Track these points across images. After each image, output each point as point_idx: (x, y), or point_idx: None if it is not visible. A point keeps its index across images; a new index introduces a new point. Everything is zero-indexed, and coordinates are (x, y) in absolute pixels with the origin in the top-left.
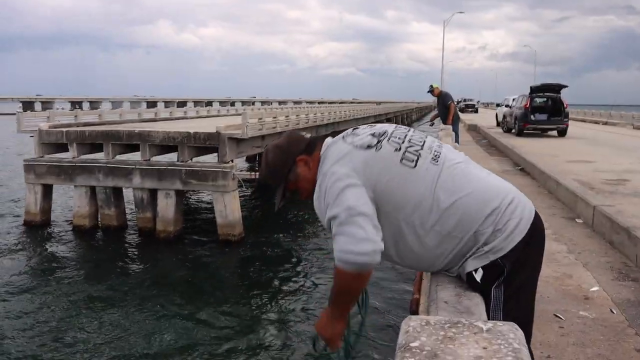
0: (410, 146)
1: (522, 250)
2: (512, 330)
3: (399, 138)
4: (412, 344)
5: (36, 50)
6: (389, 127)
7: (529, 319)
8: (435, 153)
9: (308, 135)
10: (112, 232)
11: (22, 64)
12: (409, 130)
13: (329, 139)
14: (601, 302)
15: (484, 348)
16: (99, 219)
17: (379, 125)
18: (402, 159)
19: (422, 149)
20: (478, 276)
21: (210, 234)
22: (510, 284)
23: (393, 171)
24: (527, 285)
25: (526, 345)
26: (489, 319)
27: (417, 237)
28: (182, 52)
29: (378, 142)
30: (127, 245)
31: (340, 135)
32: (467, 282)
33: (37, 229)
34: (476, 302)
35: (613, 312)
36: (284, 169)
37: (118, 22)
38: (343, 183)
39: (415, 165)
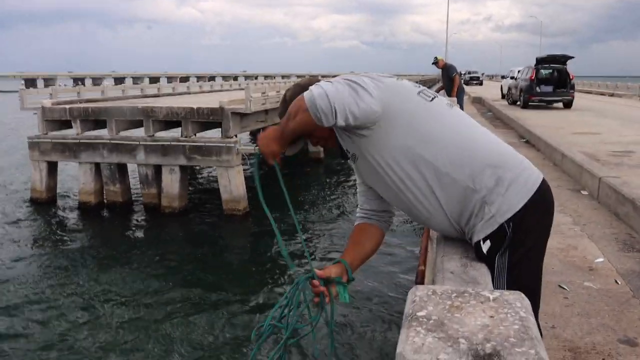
0: (427, 91)
1: (526, 215)
2: (518, 299)
3: (417, 84)
4: (419, 313)
5: (36, 26)
6: (405, 81)
7: (535, 287)
8: (448, 103)
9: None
10: (118, 208)
11: (22, 41)
12: (421, 87)
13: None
14: (606, 273)
15: (491, 317)
16: (105, 196)
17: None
18: (419, 92)
19: (436, 97)
20: (485, 247)
21: (215, 209)
22: (514, 251)
23: (409, 97)
24: (533, 253)
25: (532, 314)
26: (493, 287)
27: (416, 171)
28: (183, 26)
29: (399, 78)
30: (132, 221)
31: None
32: (475, 251)
33: (44, 205)
34: (482, 272)
35: (618, 283)
36: None
37: None
38: (360, 84)
39: (431, 100)
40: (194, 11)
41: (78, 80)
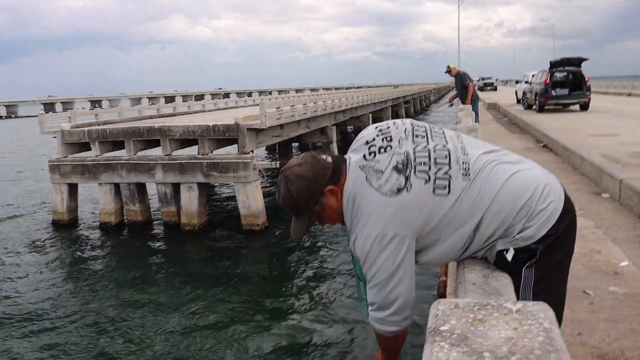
0: (439, 169)
1: (554, 235)
2: (542, 310)
3: (424, 164)
4: (442, 328)
5: (53, 52)
6: (408, 147)
7: (560, 300)
8: (465, 166)
9: (329, 159)
10: (138, 227)
11: (40, 66)
12: (428, 142)
13: (349, 159)
14: (631, 276)
15: (515, 329)
16: (125, 215)
17: (395, 142)
18: (434, 190)
19: (450, 167)
20: (509, 256)
21: (234, 225)
22: (542, 265)
23: (429, 206)
24: (560, 267)
25: (557, 325)
26: (518, 299)
27: (458, 248)
28: (197, 45)
29: (406, 179)
30: (153, 239)
31: (359, 165)
32: (496, 262)
33: (65, 228)
34: (505, 283)
35: None
36: (310, 201)
37: (132, 20)
38: (380, 245)
39: (448, 192)
40: (206, 30)
41: (95, 103)
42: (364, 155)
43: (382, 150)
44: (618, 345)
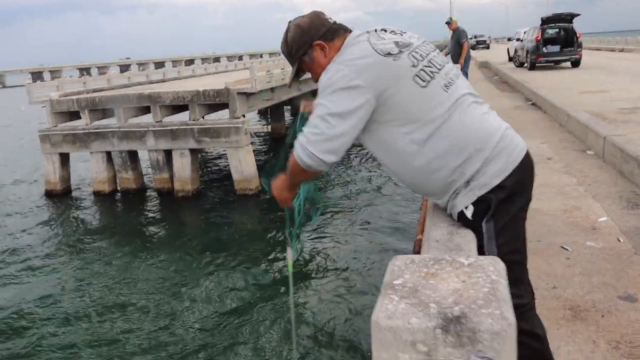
0: (428, 66)
1: (509, 186)
2: (492, 264)
3: (420, 55)
4: (395, 282)
5: (39, 20)
6: (416, 40)
7: (522, 249)
8: (450, 80)
9: (332, 20)
10: (132, 194)
11: (25, 35)
12: (434, 50)
13: (356, 32)
14: (609, 231)
15: (463, 281)
16: (118, 183)
17: (409, 33)
18: (415, 76)
19: (438, 72)
20: (469, 213)
21: (227, 189)
22: (500, 217)
23: (402, 85)
24: (517, 216)
25: (505, 278)
26: (484, 253)
27: (407, 152)
28: (186, 8)
29: (399, 52)
30: (147, 206)
31: (367, 31)
32: (460, 220)
33: (59, 197)
34: (468, 239)
35: (620, 241)
36: (300, 50)
37: None
38: (347, 83)
39: (425, 86)
40: None
41: (84, 70)
42: (375, 29)
43: (392, 33)
44: (590, 297)
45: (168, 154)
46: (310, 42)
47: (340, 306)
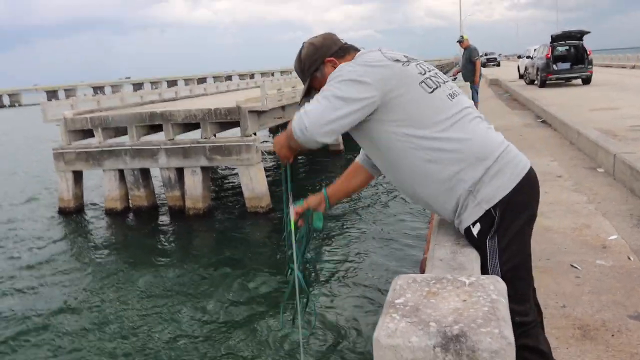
0: (434, 78)
1: (513, 201)
2: (493, 283)
3: (427, 68)
4: (397, 301)
5: (52, 40)
6: (419, 62)
7: (527, 266)
8: (454, 92)
9: (344, 41)
10: (144, 212)
11: (41, 55)
12: (438, 71)
13: (365, 49)
14: (619, 249)
15: (464, 300)
16: (130, 201)
17: (411, 57)
18: (422, 82)
19: (443, 83)
20: (475, 231)
21: (238, 207)
22: (504, 234)
23: (409, 88)
24: (521, 234)
25: (506, 297)
26: (487, 270)
27: (408, 156)
28: (198, 28)
29: (407, 61)
30: (158, 224)
31: (378, 48)
32: (466, 237)
33: (72, 215)
34: (471, 258)
35: (630, 259)
36: (312, 66)
37: (132, 4)
38: (357, 77)
39: (432, 92)
40: (207, 12)
41: (97, 89)
42: (381, 49)
43: (399, 54)
44: (600, 316)
45: (180, 171)
46: (323, 59)
47: (348, 323)
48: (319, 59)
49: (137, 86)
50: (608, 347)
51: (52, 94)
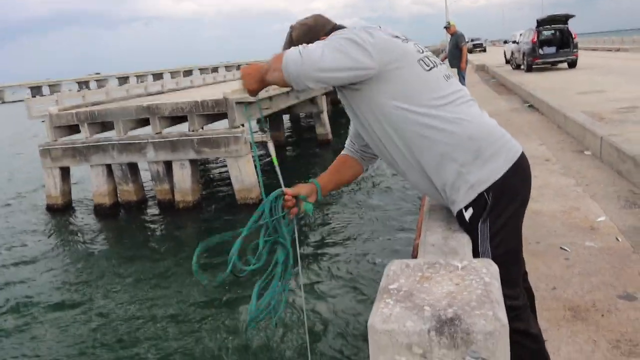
0: (430, 57)
1: (506, 184)
2: (485, 266)
3: (423, 48)
4: (390, 286)
5: (36, 36)
6: (415, 42)
7: (518, 250)
8: (449, 74)
9: (335, 21)
10: (133, 207)
11: (25, 51)
12: (432, 54)
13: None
14: (607, 231)
15: (457, 284)
16: (119, 196)
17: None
18: (420, 60)
19: (440, 64)
20: (467, 215)
21: (228, 199)
22: (496, 218)
23: (408, 64)
24: (513, 220)
25: (498, 279)
26: (478, 254)
27: (400, 129)
28: (183, 20)
29: (405, 39)
30: (148, 218)
31: (377, 25)
32: (458, 221)
33: (60, 211)
34: (462, 242)
35: (619, 240)
36: None
37: None
38: (356, 39)
39: (429, 70)
40: (192, 4)
41: (83, 84)
42: (378, 26)
43: (397, 32)
44: (590, 297)
45: (168, 165)
46: (317, 38)
47: (342, 310)
48: (313, 39)
49: (123, 80)
50: (598, 327)
51: (36, 90)
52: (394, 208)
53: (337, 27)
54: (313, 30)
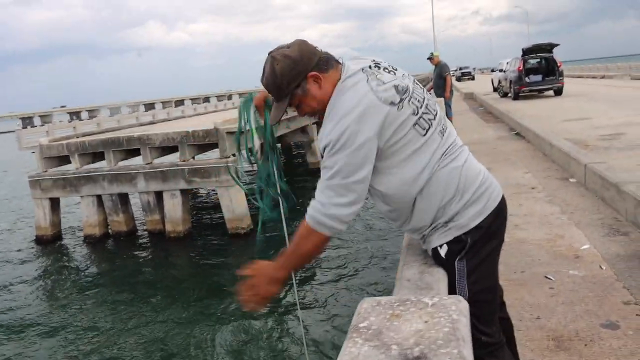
0: (426, 113)
1: (485, 227)
2: (455, 303)
3: (418, 101)
4: (361, 325)
5: (29, 66)
6: (410, 83)
7: (494, 286)
8: (443, 127)
9: (320, 49)
10: (123, 237)
11: (16, 81)
12: (425, 92)
13: (350, 66)
14: (591, 259)
15: (425, 322)
16: (109, 226)
17: (400, 71)
18: (415, 124)
19: (434, 118)
20: (443, 252)
21: (219, 229)
22: (473, 256)
23: (405, 134)
24: (490, 257)
25: (467, 316)
26: (454, 291)
27: (399, 198)
28: (175, 50)
29: (401, 100)
30: (138, 249)
31: (361, 68)
32: (433, 257)
33: (49, 243)
34: (438, 277)
35: (602, 268)
36: (292, 83)
37: (108, 28)
38: (358, 140)
39: (425, 134)
40: (183, 35)
41: (74, 114)
42: (369, 65)
43: (387, 71)
44: (573, 326)
45: (159, 195)
46: (305, 74)
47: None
48: (299, 75)
49: (115, 110)
50: (581, 357)
51: (27, 121)
52: (382, 240)
53: (324, 58)
54: (299, 64)
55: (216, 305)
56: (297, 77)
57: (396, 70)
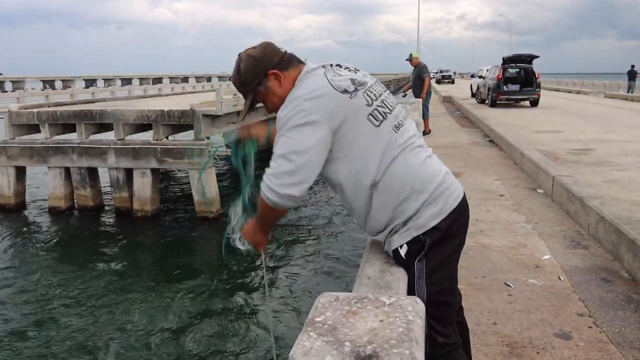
0: (381, 106)
1: (444, 228)
2: (412, 304)
3: (374, 94)
4: (317, 319)
5: (4, 28)
6: (370, 79)
7: (452, 288)
8: (399, 122)
9: (284, 50)
10: (89, 212)
11: None
12: (385, 91)
13: (311, 64)
14: (551, 269)
15: (381, 321)
16: (75, 200)
17: (361, 72)
18: (369, 115)
19: (390, 113)
20: (403, 252)
21: (188, 212)
22: (432, 257)
23: (357, 123)
24: (449, 259)
25: (422, 318)
26: (413, 291)
27: (354, 189)
28: (157, 27)
29: (355, 90)
30: (104, 225)
31: (322, 65)
32: (394, 258)
33: (12, 212)
34: (398, 277)
35: (560, 279)
36: (254, 80)
37: None
38: (305, 118)
39: (378, 125)
40: (167, 12)
41: (47, 83)
42: (331, 64)
43: (348, 70)
44: (527, 334)
45: (129, 172)
46: (265, 72)
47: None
48: (260, 72)
49: (90, 82)
50: None
51: None
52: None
53: (286, 58)
54: (260, 63)
55: (179, 287)
56: (258, 74)
57: (358, 70)
